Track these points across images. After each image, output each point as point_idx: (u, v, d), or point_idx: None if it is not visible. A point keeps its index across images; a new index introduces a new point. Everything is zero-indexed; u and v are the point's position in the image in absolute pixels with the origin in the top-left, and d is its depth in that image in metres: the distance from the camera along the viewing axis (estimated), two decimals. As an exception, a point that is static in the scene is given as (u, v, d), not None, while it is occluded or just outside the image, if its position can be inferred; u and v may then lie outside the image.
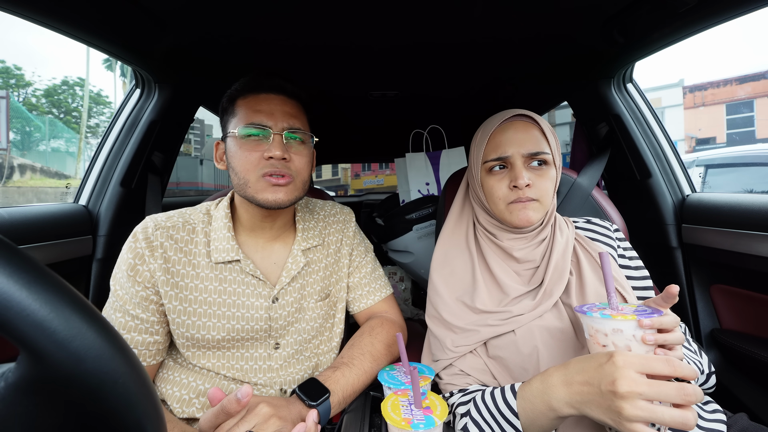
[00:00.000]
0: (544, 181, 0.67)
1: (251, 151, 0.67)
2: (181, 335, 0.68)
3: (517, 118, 0.70)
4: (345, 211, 0.91)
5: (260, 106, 0.69)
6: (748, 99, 15.35)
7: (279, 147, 0.67)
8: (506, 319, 0.66)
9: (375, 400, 0.73)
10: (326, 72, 1.24)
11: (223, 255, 0.70)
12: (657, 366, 0.43)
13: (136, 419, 0.24)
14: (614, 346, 0.48)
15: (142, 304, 0.66)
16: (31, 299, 0.21)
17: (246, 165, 0.67)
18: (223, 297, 0.69)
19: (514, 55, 1.14)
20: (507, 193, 0.68)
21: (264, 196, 0.67)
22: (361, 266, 0.88)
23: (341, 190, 18.14)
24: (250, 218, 0.74)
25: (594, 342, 0.51)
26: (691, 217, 1.06)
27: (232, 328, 0.69)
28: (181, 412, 0.67)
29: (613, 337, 0.48)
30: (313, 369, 0.78)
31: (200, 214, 0.74)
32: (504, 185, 0.68)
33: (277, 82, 0.71)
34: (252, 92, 0.70)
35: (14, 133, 14.67)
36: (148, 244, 0.66)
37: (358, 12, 0.85)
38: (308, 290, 0.78)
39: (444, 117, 1.82)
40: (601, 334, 0.50)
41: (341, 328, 0.84)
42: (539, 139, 0.68)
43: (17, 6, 0.71)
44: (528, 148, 0.67)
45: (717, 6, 0.77)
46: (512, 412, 0.55)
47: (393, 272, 1.90)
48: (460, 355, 0.68)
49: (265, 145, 0.67)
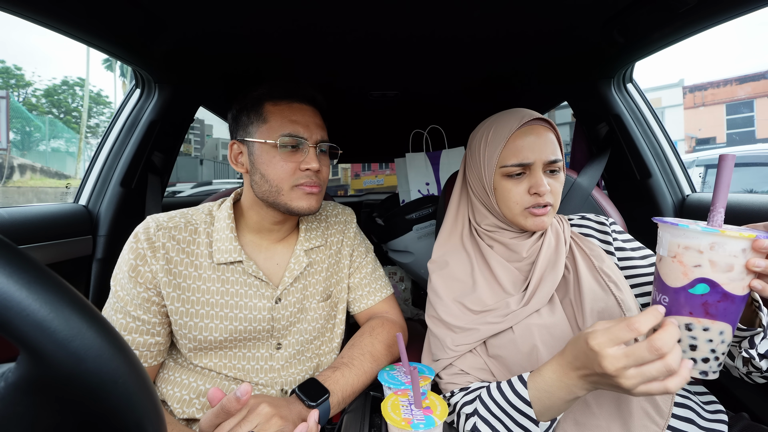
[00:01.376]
0: (558, 186, 0.69)
1: (287, 162, 0.69)
2: (184, 336, 0.68)
3: (536, 123, 0.68)
4: (346, 211, 0.91)
5: (295, 116, 0.70)
6: (748, 99, 15.35)
7: (315, 160, 0.70)
8: (504, 315, 0.66)
9: (375, 400, 0.73)
10: (327, 72, 1.24)
11: (225, 256, 0.70)
12: (621, 335, 0.43)
13: (136, 419, 0.24)
14: (712, 268, 0.40)
15: (143, 306, 0.65)
16: (31, 299, 0.21)
17: (282, 174, 0.69)
18: (225, 298, 0.69)
19: (514, 54, 1.14)
20: (525, 198, 0.67)
21: (299, 204, 0.70)
22: (362, 267, 0.88)
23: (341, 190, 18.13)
24: (261, 221, 0.74)
25: (678, 263, 0.43)
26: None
27: (234, 329, 0.69)
28: (181, 412, 0.67)
29: (711, 254, 0.40)
30: (315, 369, 0.78)
31: (202, 215, 0.74)
32: (522, 190, 0.67)
33: (310, 93, 0.73)
34: (285, 99, 0.71)
35: (14, 133, 14.68)
36: (150, 244, 0.66)
37: (359, 8, 0.85)
38: (310, 290, 0.78)
39: (444, 117, 1.82)
40: (694, 251, 0.41)
41: (342, 329, 0.84)
42: (556, 146, 0.68)
43: (17, 6, 0.71)
44: (548, 156, 0.66)
45: (717, 6, 0.77)
46: (524, 402, 0.54)
47: (393, 272, 1.90)
48: (461, 354, 0.68)
49: (299, 156, 0.70)
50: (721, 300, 0.41)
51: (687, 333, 0.42)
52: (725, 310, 0.41)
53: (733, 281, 0.40)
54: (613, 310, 0.62)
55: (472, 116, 1.85)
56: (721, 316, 0.41)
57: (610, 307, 0.62)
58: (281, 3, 0.81)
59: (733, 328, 0.42)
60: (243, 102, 0.72)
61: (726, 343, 0.42)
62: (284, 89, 0.71)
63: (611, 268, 0.68)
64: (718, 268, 0.40)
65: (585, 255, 0.70)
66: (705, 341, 0.42)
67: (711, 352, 0.42)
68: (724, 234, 0.40)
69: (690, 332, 0.42)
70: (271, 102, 0.70)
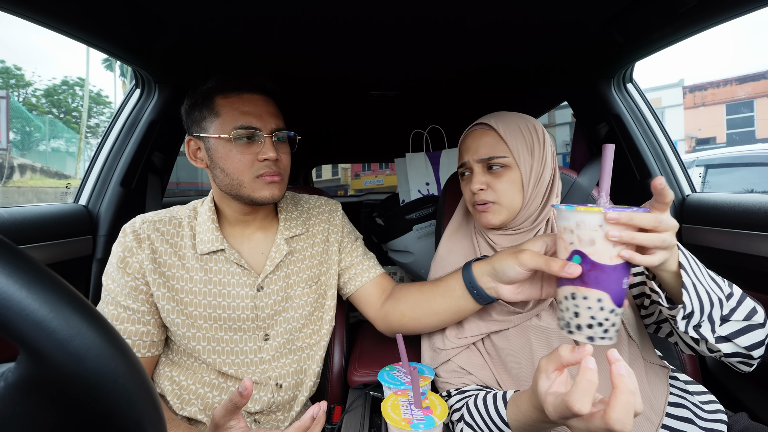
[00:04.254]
0: (501, 183, 0.70)
1: (244, 154, 0.68)
2: (173, 322, 0.69)
3: (476, 127, 0.76)
4: (330, 202, 0.91)
5: (247, 107, 0.69)
6: (748, 99, 15.35)
7: (272, 149, 0.69)
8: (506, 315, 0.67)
9: (375, 400, 0.73)
10: (327, 71, 1.24)
11: (207, 246, 0.71)
12: (567, 413, 0.41)
13: (135, 419, 0.24)
14: (579, 242, 0.46)
15: (132, 294, 0.67)
16: (30, 299, 0.21)
17: (240, 167, 0.68)
18: (208, 287, 0.71)
19: (514, 54, 1.14)
20: (470, 196, 0.74)
21: (261, 194, 0.70)
22: (352, 250, 0.88)
23: (341, 190, 18.13)
24: (233, 213, 0.75)
25: (561, 241, 0.49)
26: (691, 217, 1.06)
27: (218, 317, 0.70)
28: (180, 408, 0.68)
29: (578, 231, 0.46)
30: (305, 359, 0.78)
31: (187, 210, 0.77)
32: (468, 189, 0.74)
33: (260, 82, 0.72)
34: (234, 91, 0.70)
35: (14, 133, 14.67)
36: (136, 236, 0.69)
37: (358, 6, 0.85)
38: (294, 279, 0.79)
39: (444, 117, 1.82)
40: (567, 231, 0.47)
41: (331, 315, 0.84)
42: (494, 145, 0.70)
43: (17, 6, 0.70)
44: (480, 154, 0.71)
45: (717, 6, 0.77)
46: (503, 422, 0.56)
47: (393, 272, 1.90)
48: (461, 347, 0.69)
49: (256, 147, 0.69)
50: (591, 269, 0.45)
51: (572, 301, 0.47)
52: (596, 278, 0.45)
53: (597, 252, 0.45)
54: None
55: (472, 116, 1.85)
56: (594, 283, 0.45)
57: None
58: (281, 5, 0.82)
59: (613, 297, 0.45)
60: (194, 97, 0.72)
61: (607, 311, 0.45)
62: (233, 81, 0.71)
63: None
64: (584, 242, 0.46)
65: None
66: (585, 308, 0.46)
67: (591, 318, 0.46)
68: (579, 210, 0.45)
69: (574, 300, 0.47)
70: (221, 95, 0.70)
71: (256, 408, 0.72)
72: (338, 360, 0.88)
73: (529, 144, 0.71)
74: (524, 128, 0.72)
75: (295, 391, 0.77)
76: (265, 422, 0.75)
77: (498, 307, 0.68)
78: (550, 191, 0.72)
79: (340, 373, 0.89)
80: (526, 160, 0.70)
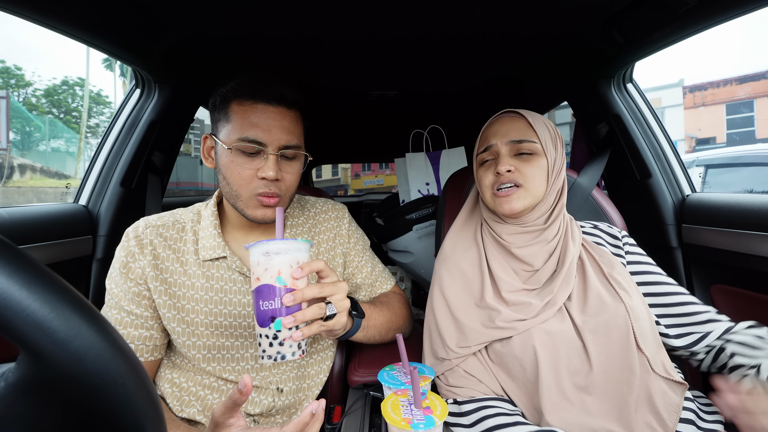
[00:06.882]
0: (529, 168, 0.69)
1: (244, 167, 0.66)
2: (173, 330, 0.69)
3: (504, 114, 0.75)
4: (337, 207, 0.90)
5: (257, 119, 0.65)
6: (748, 99, 15.35)
7: (273, 168, 0.65)
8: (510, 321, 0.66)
9: (375, 400, 0.73)
10: (327, 71, 1.24)
11: (209, 252, 0.70)
12: None
13: (136, 419, 0.24)
14: None
15: (135, 300, 0.67)
16: (30, 299, 0.21)
17: (238, 180, 0.66)
18: (210, 294, 0.70)
19: (514, 54, 1.14)
20: (493, 181, 0.71)
21: (254, 213, 0.68)
22: (361, 267, 0.87)
23: (341, 190, 18.12)
24: (237, 217, 0.74)
25: None
26: (691, 217, 1.06)
27: (219, 324, 0.70)
28: (180, 410, 0.68)
29: None
30: (306, 366, 0.78)
31: (191, 214, 0.76)
32: (490, 173, 0.72)
33: (277, 91, 0.67)
34: (248, 98, 0.66)
35: (14, 133, 14.67)
36: (138, 242, 0.68)
37: (359, 5, 0.85)
38: None
39: (444, 117, 1.82)
40: None
41: None
42: (524, 130, 0.70)
43: (17, 6, 0.71)
44: (511, 136, 0.70)
45: (717, 6, 0.77)
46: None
47: (393, 272, 1.90)
48: (463, 356, 0.68)
49: (258, 162, 0.66)
50: None
51: None
52: None
53: None
54: (619, 320, 0.61)
55: (473, 116, 1.86)
56: None
57: (617, 316, 0.61)
58: (281, 3, 0.82)
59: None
60: (215, 97, 0.70)
61: None
62: (250, 87, 0.66)
63: (621, 275, 0.67)
64: None
65: (594, 262, 0.70)
66: None
67: None
68: None
69: None
70: (237, 101, 0.66)
71: (256, 411, 0.71)
72: (338, 360, 0.88)
73: (553, 137, 0.72)
74: (547, 123, 0.74)
75: (297, 396, 0.76)
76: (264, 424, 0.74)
77: (502, 315, 0.67)
78: (561, 191, 0.73)
79: (340, 373, 0.88)
80: (551, 151, 0.71)
